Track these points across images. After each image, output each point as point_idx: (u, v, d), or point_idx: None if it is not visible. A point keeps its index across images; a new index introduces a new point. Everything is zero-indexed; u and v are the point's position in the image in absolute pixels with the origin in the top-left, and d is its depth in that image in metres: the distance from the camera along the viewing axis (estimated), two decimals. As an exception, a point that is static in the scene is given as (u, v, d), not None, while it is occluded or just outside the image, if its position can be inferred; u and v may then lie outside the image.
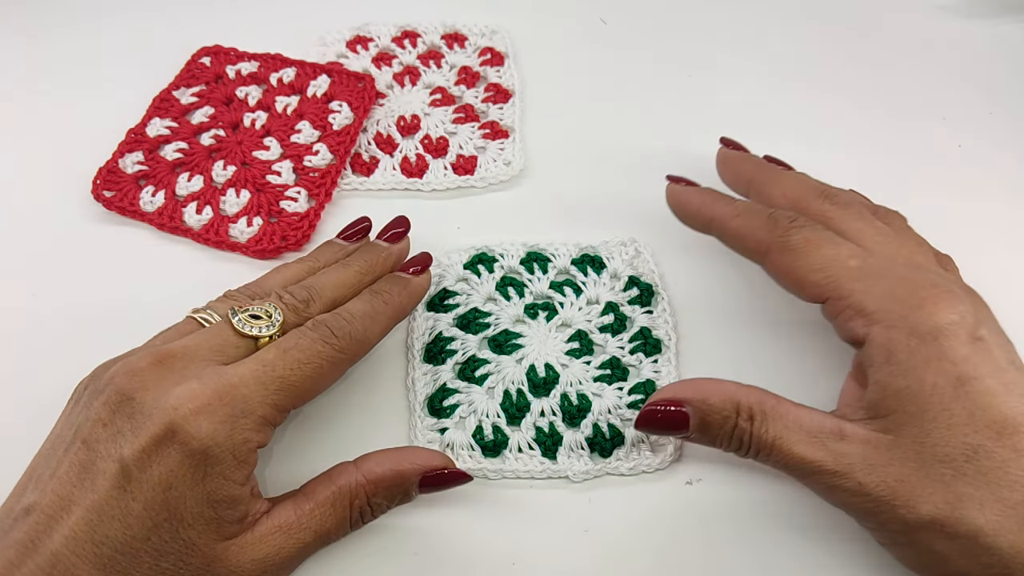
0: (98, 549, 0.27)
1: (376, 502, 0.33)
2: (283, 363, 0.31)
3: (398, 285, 0.37)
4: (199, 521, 0.29)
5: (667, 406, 0.32)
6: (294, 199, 0.46)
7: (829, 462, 0.30)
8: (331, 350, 0.32)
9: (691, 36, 0.56)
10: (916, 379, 0.29)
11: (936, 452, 0.29)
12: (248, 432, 0.29)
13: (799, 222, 0.34)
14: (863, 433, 0.30)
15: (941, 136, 0.50)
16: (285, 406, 0.31)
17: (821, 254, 0.33)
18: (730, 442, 0.32)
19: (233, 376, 0.30)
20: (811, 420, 0.31)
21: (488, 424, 0.38)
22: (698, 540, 0.35)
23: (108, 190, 0.46)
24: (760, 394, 0.32)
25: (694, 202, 0.39)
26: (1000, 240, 0.45)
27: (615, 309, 0.41)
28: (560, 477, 0.36)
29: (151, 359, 0.30)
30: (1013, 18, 0.57)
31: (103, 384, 0.30)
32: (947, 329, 0.30)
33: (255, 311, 0.33)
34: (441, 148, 0.49)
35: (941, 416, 0.29)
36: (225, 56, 0.53)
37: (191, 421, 0.28)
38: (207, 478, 0.29)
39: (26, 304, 0.42)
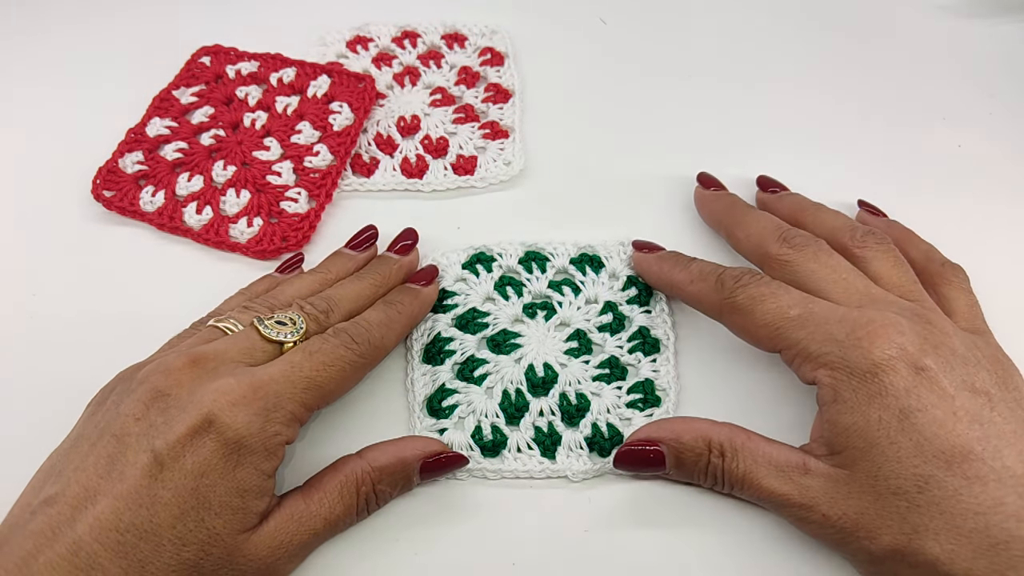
0: (122, 537, 0.28)
1: (381, 489, 0.34)
2: (310, 364, 0.33)
3: (409, 295, 0.39)
4: (226, 510, 0.30)
5: (643, 446, 0.35)
6: (294, 200, 0.46)
7: (795, 495, 0.32)
8: (352, 355, 0.34)
9: (691, 36, 0.56)
10: (861, 415, 0.31)
11: (889, 485, 0.30)
12: (279, 425, 0.31)
13: (743, 280, 0.36)
14: (824, 468, 0.32)
15: (941, 136, 0.50)
16: (312, 405, 0.33)
17: (764, 309, 0.35)
18: (705, 477, 0.34)
19: (264, 375, 0.32)
20: (779, 455, 0.33)
21: (487, 424, 0.38)
22: (698, 540, 0.35)
23: (108, 190, 0.46)
24: (731, 431, 0.34)
25: (654, 270, 0.41)
26: (1000, 240, 0.45)
27: (614, 308, 0.41)
28: (559, 477, 0.36)
29: (186, 359, 0.32)
30: (1013, 18, 0.57)
31: (136, 383, 0.31)
32: (885, 364, 0.31)
33: (280, 318, 0.35)
34: (441, 148, 0.49)
35: (889, 449, 0.30)
36: (225, 56, 0.53)
37: (228, 412, 0.30)
38: (239, 468, 0.30)
39: (26, 304, 0.42)
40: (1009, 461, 0.29)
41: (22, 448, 0.32)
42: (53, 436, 0.33)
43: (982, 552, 0.28)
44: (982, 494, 0.28)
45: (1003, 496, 0.28)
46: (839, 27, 0.57)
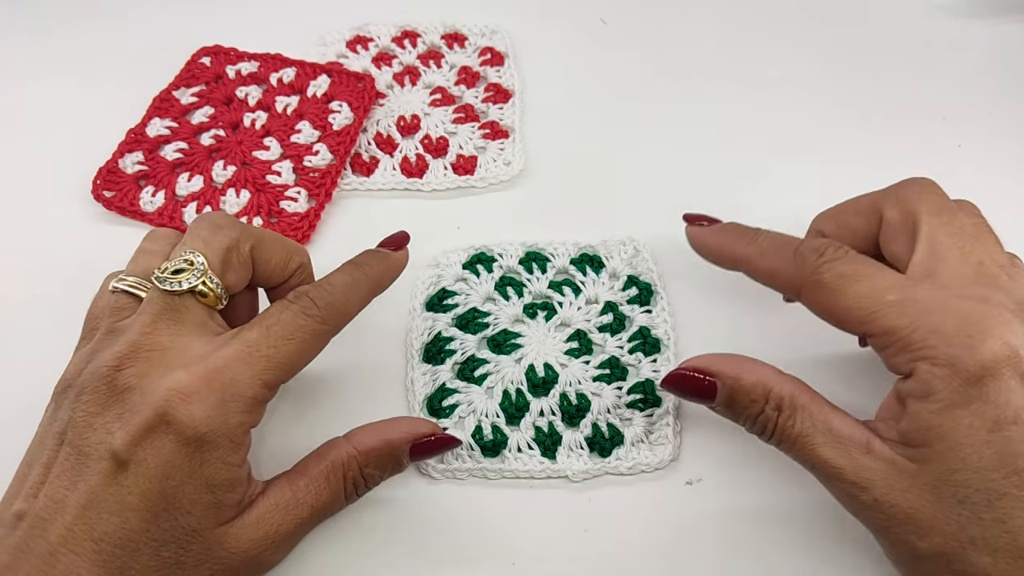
0: (97, 546, 0.27)
1: (369, 472, 0.33)
2: (266, 341, 0.31)
3: (377, 257, 0.37)
4: (198, 507, 0.29)
5: (698, 374, 0.33)
6: (294, 199, 0.46)
7: (849, 471, 0.30)
8: (313, 322, 0.32)
9: (691, 36, 0.56)
10: (951, 419, 0.29)
11: (957, 492, 0.28)
12: (240, 415, 0.29)
13: (828, 255, 0.33)
14: (889, 453, 0.30)
15: (941, 136, 0.50)
16: (273, 383, 0.31)
17: (857, 291, 0.31)
18: (754, 424, 0.32)
19: (219, 360, 0.30)
20: (841, 425, 0.31)
21: (487, 424, 0.38)
22: (698, 540, 0.35)
23: (108, 190, 0.46)
24: (796, 386, 0.32)
25: (715, 243, 0.38)
26: (1000, 241, 0.45)
27: (614, 308, 0.41)
28: (559, 477, 0.36)
29: (121, 354, 0.30)
30: (1013, 18, 0.57)
31: (81, 388, 0.30)
32: (992, 368, 0.28)
33: (175, 264, 0.32)
34: (441, 148, 0.49)
35: (970, 459, 0.28)
36: (225, 56, 0.53)
37: (183, 409, 0.28)
38: (205, 464, 0.29)
39: (26, 304, 0.42)
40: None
41: (22, 448, 0.32)
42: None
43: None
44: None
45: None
46: (839, 27, 0.57)
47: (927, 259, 0.32)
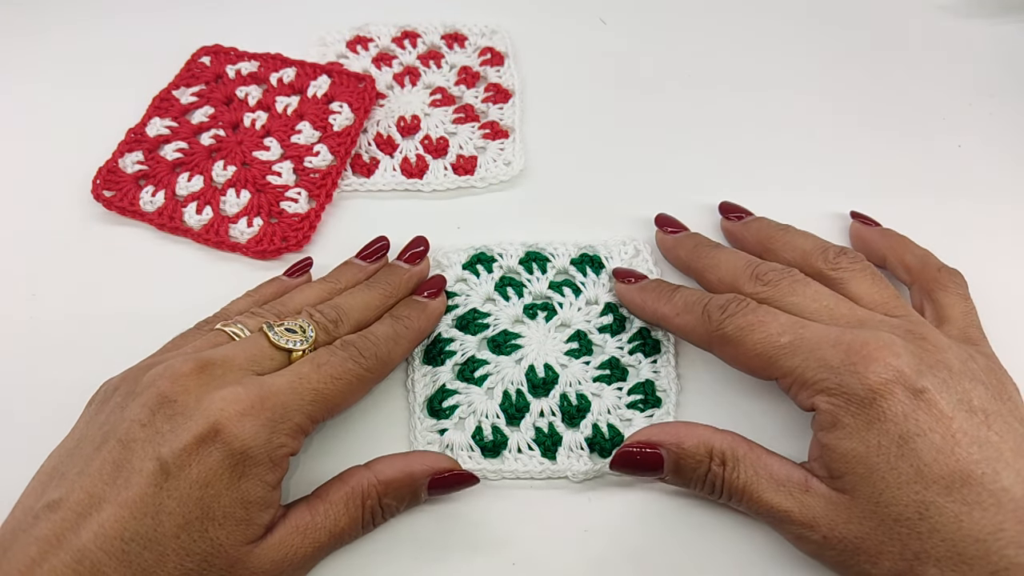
0: (127, 546, 0.28)
1: (387, 503, 0.34)
2: (318, 376, 0.33)
3: (417, 309, 0.39)
4: (230, 521, 0.29)
5: (643, 448, 0.34)
6: (294, 200, 0.46)
7: (796, 512, 0.31)
8: (360, 368, 0.34)
9: (691, 36, 0.56)
10: (860, 441, 0.30)
11: (890, 511, 0.29)
12: (284, 437, 0.31)
13: (730, 309, 0.35)
14: (824, 489, 0.31)
15: (941, 136, 0.50)
16: (317, 417, 0.33)
17: (754, 339, 0.34)
18: (703, 485, 0.34)
19: (272, 385, 0.31)
20: (780, 469, 0.32)
21: (488, 425, 0.38)
22: (698, 541, 0.35)
23: (108, 190, 0.46)
24: (733, 440, 0.33)
25: (636, 302, 0.40)
26: (1000, 240, 0.45)
27: (614, 309, 0.41)
28: (560, 477, 0.36)
29: (193, 365, 0.31)
30: (1013, 18, 0.57)
31: (141, 387, 0.31)
32: (882, 389, 0.30)
33: (290, 326, 0.35)
34: (441, 148, 0.49)
35: (889, 475, 0.29)
36: (225, 56, 0.53)
37: (236, 422, 0.30)
38: (243, 479, 0.30)
39: (26, 304, 0.42)
40: (1007, 482, 0.29)
41: (22, 449, 0.32)
42: (53, 436, 0.33)
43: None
44: (982, 520, 0.28)
45: (1002, 522, 0.28)
46: (839, 27, 0.57)
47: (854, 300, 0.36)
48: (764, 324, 0.34)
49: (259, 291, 0.40)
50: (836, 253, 0.38)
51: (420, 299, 0.40)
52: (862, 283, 0.37)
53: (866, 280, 0.37)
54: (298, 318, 0.36)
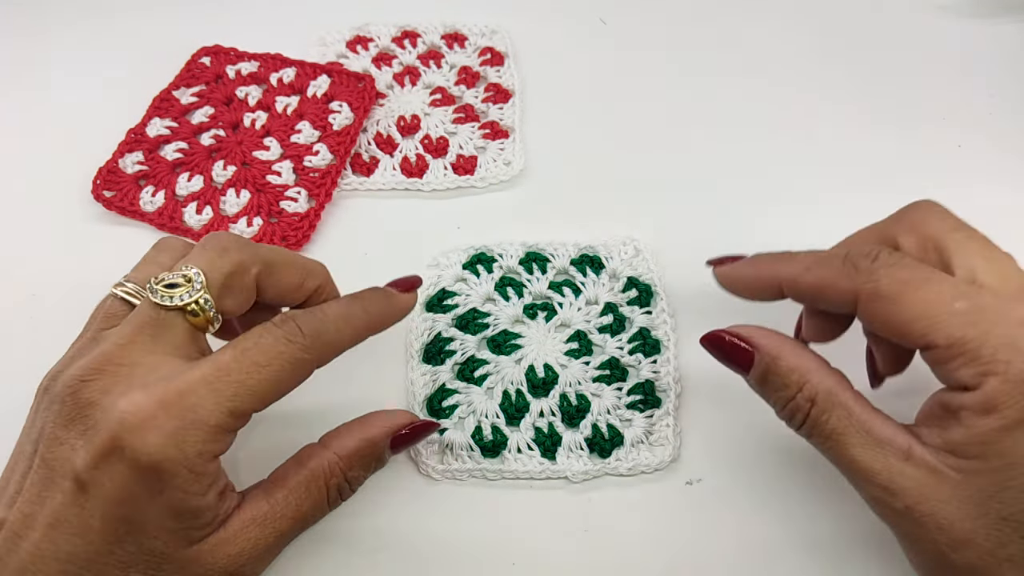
0: (63, 566, 0.27)
1: (353, 475, 0.32)
2: (238, 366, 0.29)
3: (380, 295, 0.35)
4: (163, 532, 0.28)
5: (738, 340, 0.31)
6: (294, 199, 0.46)
7: (884, 476, 0.28)
8: (295, 349, 0.30)
9: (691, 36, 0.56)
10: (1012, 438, 0.27)
11: (1002, 509, 0.27)
12: (200, 444, 0.27)
13: (883, 259, 0.30)
14: (931, 461, 0.28)
15: (941, 136, 0.50)
16: (242, 411, 0.29)
17: (920, 298, 0.28)
18: (783, 409, 0.31)
19: (181, 383, 0.28)
20: (882, 428, 0.29)
21: (487, 424, 0.38)
22: (698, 541, 0.35)
23: (108, 190, 0.46)
24: (836, 381, 0.30)
25: (750, 274, 0.35)
26: (1000, 241, 0.45)
27: (614, 309, 0.41)
28: (559, 477, 0.36)
29: (91, 367, 0.29)
30: (1013, 18, 0.57)
31: (54, 395, 0.29)
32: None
33: (172, 278, 0.30)
34: (441, 148, 0.49)
35: (1022, 479, 0.27)
36: (225, 56, 0.53)
37: (136, 436, 0.26)
38: (164, 492, 0.27)
39: (26, 304, 0.42)
40: None
41: (22, 448, 0.32)
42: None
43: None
44: None
45: None
46: (839, 27, 0.57)
47: (968, 274, 0.30)
48: (933, 282, 0.29)
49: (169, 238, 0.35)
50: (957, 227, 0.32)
51: (388, 289, 0.35)
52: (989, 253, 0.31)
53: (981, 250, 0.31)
54: (185, 262, 0.31)
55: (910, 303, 0.29)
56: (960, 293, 0.28)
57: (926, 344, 0.29)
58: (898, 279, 0.29)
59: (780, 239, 0.39)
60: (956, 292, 0.28)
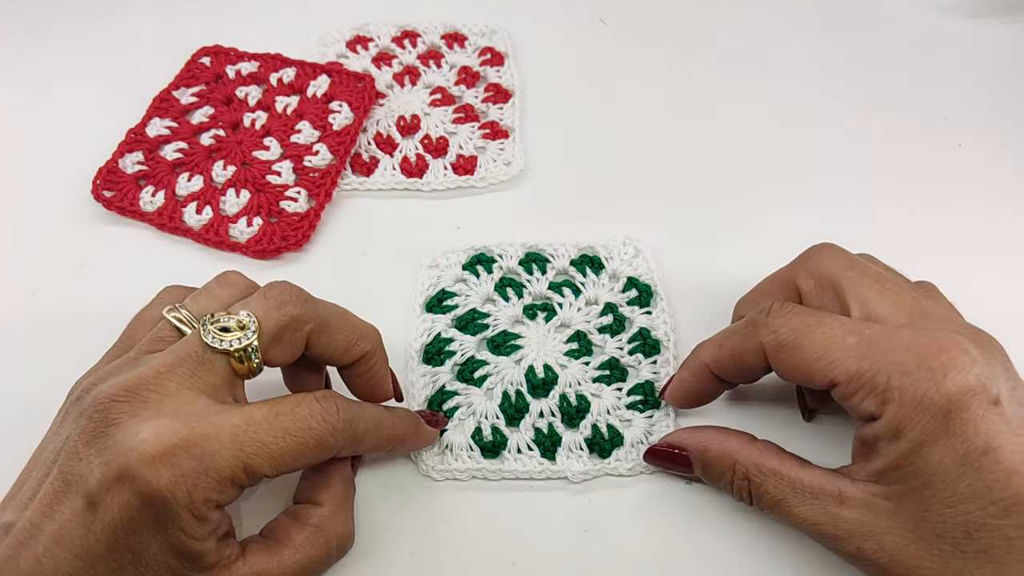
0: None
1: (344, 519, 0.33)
2: (268, 427, 0.29)
3: (412, 418, 0.36)
4: (164, 569, 0.27)
5: (670, 448, 0.35)
6: (294, 199, 0.46)
7: (828, 526, 0.30)
8: (326, 431, 0.30)
9: (690, 36, 0.56)
10: (922, 457, 0.28)
11: (935, 528, 0.28)
12: (209, 492, 0.27)
13: (774, 311, 0.32)
14: (862, 497, 0.30)
15: (941, 136, 0.50)
16: (256, 471, 0.28)
17: (815, 340, 0.31)
18: (732, 493, 0.34)
19: (208, 427, 0.28)
20: (812, 481, 0.31)
21: (487, 425, 0.38)
22: (698, 541, 0.35)
23: (108, 190, 0.46)
24: (761, 452, 0.32)
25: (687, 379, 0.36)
26: (1000, 240, 0.45)
27: (614, 310, 0.41)
28: (559, 478, 0.36)
29: (123, 388, 0.29)
30: (1014, 18, 0.57)
31: (83, 408, 0.29)
32: (960, 400, 0.28)
33: (226, 322, 0.30)
34: (441, 148, 0.49)
35: (942, 493, 0.28)
36: (225, 56, 0.53)
37: (148, 468, 0.26)
38: (167, 530, 0.27)
39: (26, 304, 0.42)
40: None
41: (22, 448, 0.32)
42: (53, 437, 0.33)
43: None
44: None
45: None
46: (840, 26, 0.57)
47: (862, 308, 0.32)
48: (823, 324, 0.31)
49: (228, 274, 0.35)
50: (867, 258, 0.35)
51: (419, 418, 0.36)
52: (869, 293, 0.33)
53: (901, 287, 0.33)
54: (243, 307, 0.31)
55: (808, 347, 0.31)
56: (850, 329, 0.31)
57: (829, 382, 0.31)
58: (792, 327, 0.31)
59: (780, 238, 0.39)
60: (846, 329, 0.31)
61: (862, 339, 0.30)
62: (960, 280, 0.40)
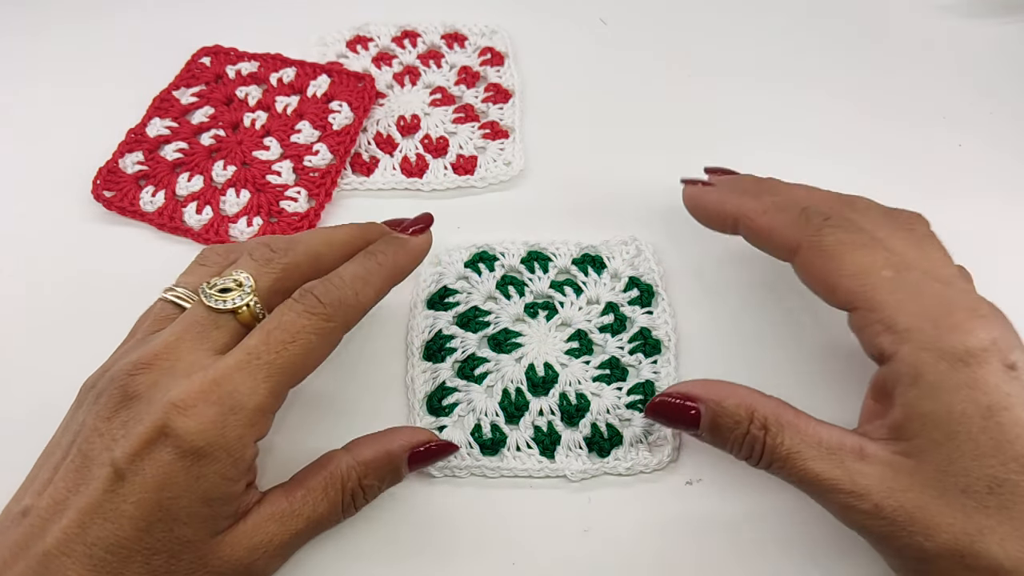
0: (89, 550, 0.27)
1: (368, 483, 0.33)
2: (267, 347, 0.30)
3: (394, 245, 0.35)
4: (194, 520, 0.28)
5: (680, 400, 0.32)
6: (294, 199, 0.46)
7: (846, 482, 0.29)
8: (318, 321, 0.31)
9: (691, 36, 0.56)
10: (944, 405, 0.28)
11: (958, 482, 0.28)
12: (240, 428, 0.29)
13: (834, 221, 0.32)
14: (884, 455, 0.29)
15: (941, 136, 0.50)
16: (278, 390, 0.30)
17: (855, 259, 0.31)
18: (741, 448, 0.32)
19: (218, 371, 0.29)
20: (831, 436, 0.30)
21: (487, 423, 0.38)
22: (698, 540, 0.35)
23: (108, 190, 0.46)
24: (778, 405, 0.31)
25: (714, 200, 0.36)
26: (1000, 240, 0.45)
27: (615, 309, 0.41)
28: (558, 476, 0.36)
29: (137, 363, 0.30)
30: (1013, 18, 0.57)
31: (100, 389, 0.30)
32: (980, 355, 0.28)
33: (224, 283, 0.32)
34: (441, 148, 0.49)
35: (966, 445, 0.28)
36: (225, 56, 0.53)
37: (182, 421, 0.28)
38: (202, 478, 0.28)
39: (26, 304, 0.42)
40: None
41: (22, 448, 0.32)
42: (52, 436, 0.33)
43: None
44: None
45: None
46: (840, 27, 0.57)
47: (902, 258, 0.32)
48: (871, 247, 0.31)
49: (212, 247, 0.36)
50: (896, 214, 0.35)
51: (400, 235, 0.36)
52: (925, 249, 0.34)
53: (927, 246, 0.34)
54: (235, 268, 0.32)
55: (845, 262, 0.31)
56: (892, 263, 0.31)
57: (849, 304, 0.31)
58: (839, 239, 0.32)
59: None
60: (889, 261, 0.31)
61: (898, 276, 0.30)
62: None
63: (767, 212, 0.34)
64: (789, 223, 0.33)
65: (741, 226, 0.35)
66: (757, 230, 0.35)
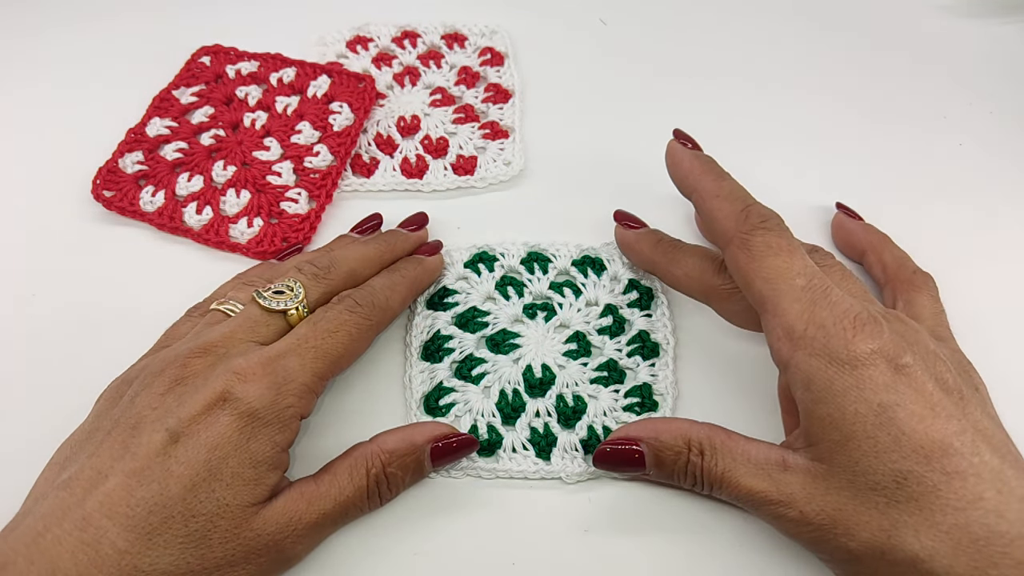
0: (131, 511, 0.28)
1: (391, 472, 0.34)
2: (315, 334, 0.34)
3: (413, 263, 0.40)
4: (237, 481, 0.30)
5: (623, 445, 0.34)
6: (294, 200, 0.46)
7: (773, 492, 0.31)
8: (357, 317, 0.35)
9: (691, 37, 0.56)
10: (836, 408, 0.30)
11: (867, 480, 0.29)
12: (292, 398, 0.32)
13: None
14: (803, 463, 0.31)
15: (941, 136, 0.50)
16: (324, 373, 0.34)
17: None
18: (684, 477, 0.34)
19: (273, 351, 0.33)
20: (758, 452, 0.32)
21: (483, 423, 0.38)
22: (697, 540, 0.35)
23: (108, 190, 0.46)
24: (710, 430, 0.33)
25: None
26: (1000, 239, 0.45)
27: (614, 311, 0.41)
28: (553, 478, 0.36)
29: (196, 348, 0.33)
30: (1013, 18, 0.57)
31: (150, 376, 0.32)
32: (865, 359, 0.30)
33: (277, 288, 0.36)
34: (441, 148, 0.49)
35: (866, 444, 0.29)
36: (225, 56, 0.53)
37: (241, 387, 0.31)
38: (252, 439, 0.31)
39: (26, 304, 0.42)
40: (987, 456, 0.29)
41: (22, 448, 0.32)
42: (54, 435, 0.33)
43: (962, 548, 0.28)
44: (961, 489, 0.28)
45: (982, 491, 0.28)
46: (840, 27, 0.57)
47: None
48: (791, 255, 0.33)
49: (248, 271, 0.41)
50: (812, 249, 0.37)
51: (418, 256, 0.41)
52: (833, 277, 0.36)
53: (836, 275, 0.36)
54: (286, 278, 0.36)
55: (764, 264, 0.33)
56: (808, 273, 0.32)
57: (761, 304, 0.33)
58: (767, 241, 0.33)
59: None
60: (805, 271, 0.32)
61: (808, 285, 0.32)
62: (960, 279, 0.40)
63: (718, 197, 0.35)
64: (731, 214, 0.35)
65: (694, 200, 0.37)
66: (703, 210, 0.36)
